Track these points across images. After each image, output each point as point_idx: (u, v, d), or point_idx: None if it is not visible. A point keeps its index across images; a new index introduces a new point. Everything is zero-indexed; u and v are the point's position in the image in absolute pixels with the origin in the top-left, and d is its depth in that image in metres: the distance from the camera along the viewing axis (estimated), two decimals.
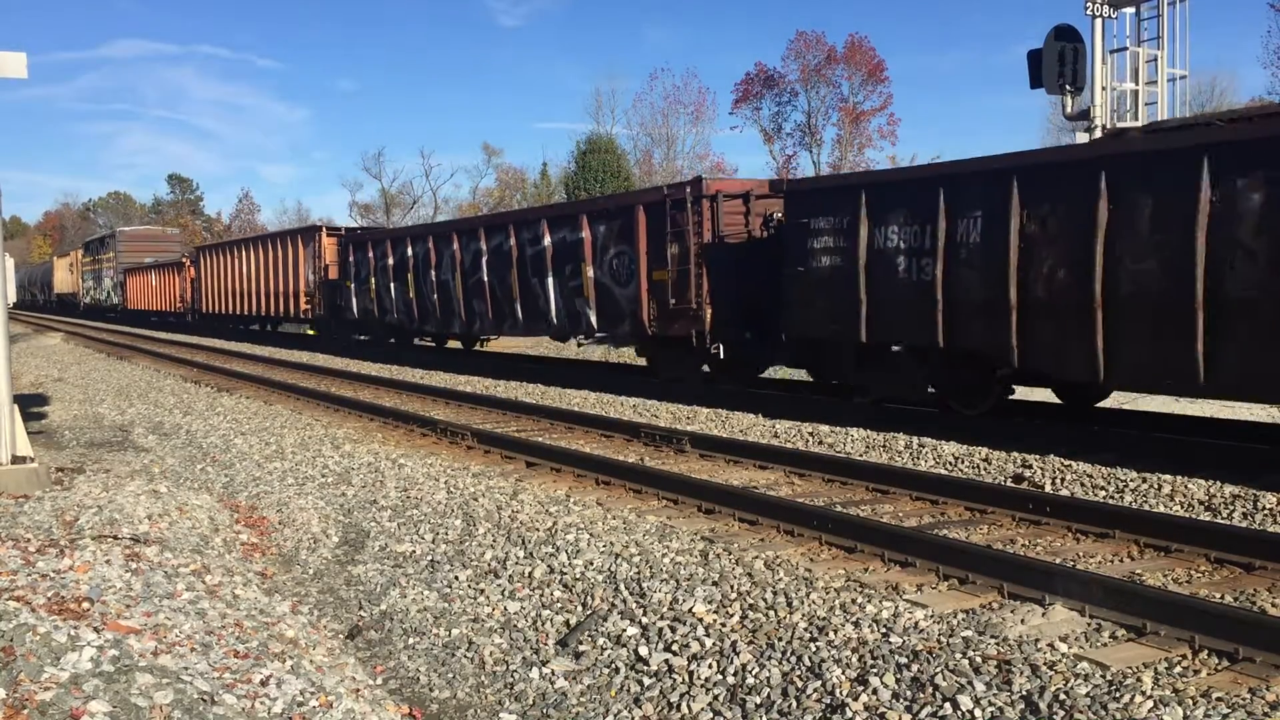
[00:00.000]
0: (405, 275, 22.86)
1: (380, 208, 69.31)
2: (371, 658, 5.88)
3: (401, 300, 23.31)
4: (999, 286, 10.39)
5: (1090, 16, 15.74)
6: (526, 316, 18.85)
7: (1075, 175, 9.81)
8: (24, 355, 27.47)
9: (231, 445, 12.00)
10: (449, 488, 9.04)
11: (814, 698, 4.59)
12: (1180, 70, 15.66)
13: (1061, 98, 16.09)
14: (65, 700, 3.84)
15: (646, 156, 56.86)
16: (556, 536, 7.21)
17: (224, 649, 4.94)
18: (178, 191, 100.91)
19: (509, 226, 19.27)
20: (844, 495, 8.43)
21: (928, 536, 6.55)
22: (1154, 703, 4.16)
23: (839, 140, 56.61)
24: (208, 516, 8.33)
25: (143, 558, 6.39)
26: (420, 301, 22.49)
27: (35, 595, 5.11)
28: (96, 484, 8.91)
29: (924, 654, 4.79)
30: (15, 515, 7.35)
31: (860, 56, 56.16)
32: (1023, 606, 5.35)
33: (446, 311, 21.50)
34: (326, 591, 7.04)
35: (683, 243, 14.82)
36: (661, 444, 10.88)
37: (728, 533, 7.23)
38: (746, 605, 5.64)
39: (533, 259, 18.46)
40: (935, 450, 10.09)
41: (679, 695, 4.85)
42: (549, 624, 5.89)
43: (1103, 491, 8.41)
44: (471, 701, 5.24)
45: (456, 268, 20.84)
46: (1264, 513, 7.51)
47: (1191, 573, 6.16)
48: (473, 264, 20.32)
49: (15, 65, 8.50)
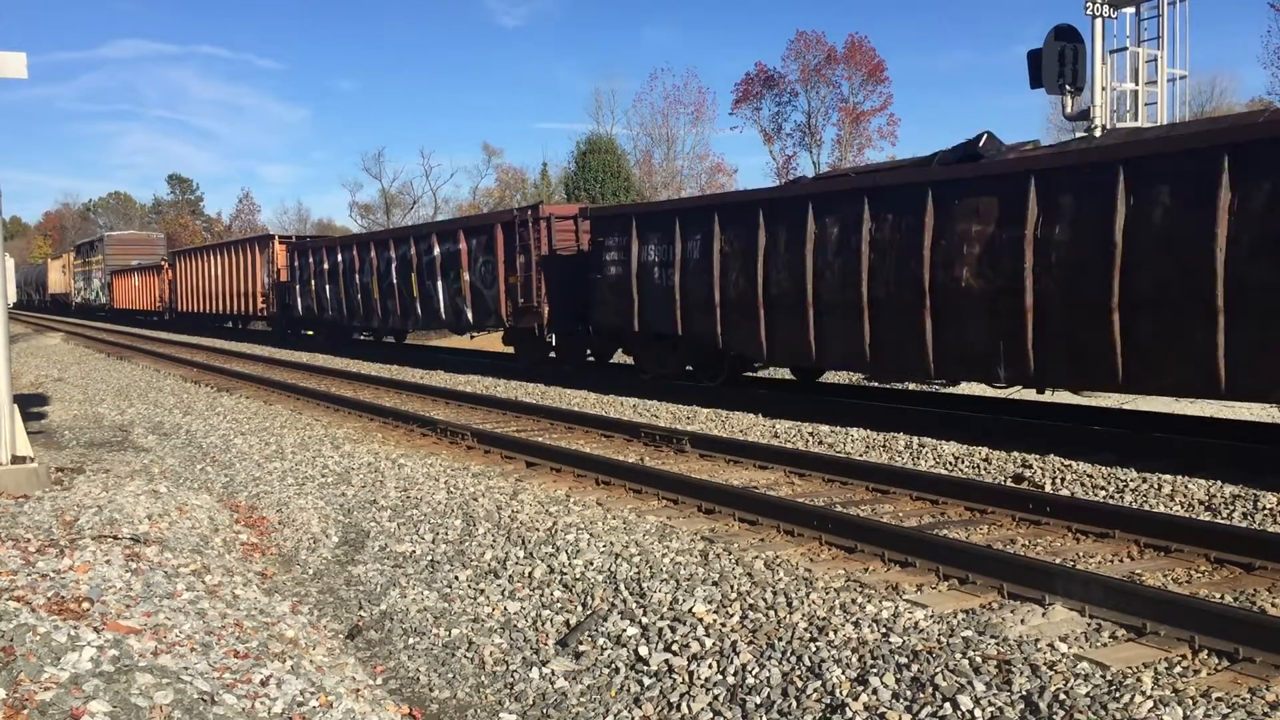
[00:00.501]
0: (338, 279, 26.54)
1: (380, 208, 69.34)
2: (371, 658, 5.88)
3: (335, 300, 26.99)
4: (709, 290, 14.29)
5: (1090, 16, 15.74)
6: (425, 314, 22.48)
7: (749, 211, 13.71)
8: (24, 355, 27.47)
9: (231, 445, 12.00)
10: (449, 488, 9.04)
11: (814, 698, 4.59)
12: (1180, 70, 15.65)
13: (1061, 98, 16.06)
14: (65, 700, 3.84)
15: (646, 156, 56.92)
16: (556, 536, 7.21)
17: (224, 649, 4.94)
18: (178, 192, 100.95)
19: (410, 239, 22.97)
20: (844, 495, 8.43)
21: (928, 536, 6.55)
22: (1154, 703, 4.16)
23: (839, 140, 56.68)
24: (208, 516, 8.33)
25: (143, 558, 6.39)
26: (349, 301, 26.12)
27: (35, 595, 5.11)
28: (96, 484, 8.91)
29: (924, 654, 4.79)
30: (15, 515, 7.35)
31: (860, 56, 56.18)
32: (1023, 606, 5.35)
33: (368, 310, 25.13)
34: (326, 591, 7.04)
35: (528, 255, 18.42)
36: (661, 444, 10.88)
37: (728, 533, 7.23)
38: (746, 605, 5.64)
39: (427, 266, 21.94)
40: (935, 450, 10.09)
41: (679, 695, 4.85)
42: (549, 624, 5.89)
43: (1103, 491, 8.41)
44: (471, 701, 5.24)
45: (374, 273, 24.48)
46: (1264, 513, 7.51)
47: (1191, 573, 6.16)
48: (385, 269, 23.89)
49: (15, 65, 8.50)
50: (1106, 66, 15.72)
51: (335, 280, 26.72)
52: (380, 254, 24.33)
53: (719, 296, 14.06)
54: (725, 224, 14.00)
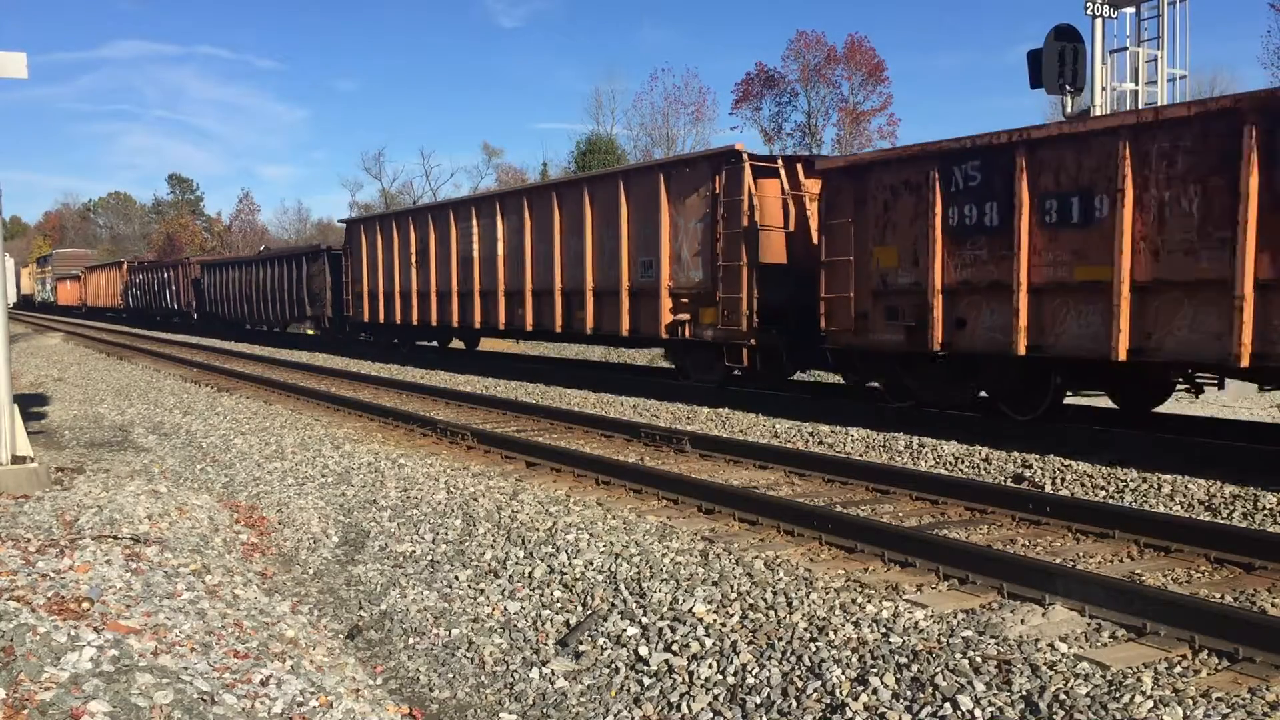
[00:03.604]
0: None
1: (381, 208, 69.29)
2: (371, 658, 5.88)
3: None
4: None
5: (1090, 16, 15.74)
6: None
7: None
8: (24, 355, 27.46)
9: (231, 445, 12.00)
10: (449, 488, 9.04)
11: (814, 698, 4.59)
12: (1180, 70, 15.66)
13: (1061, 98, 16.06)
14: (65, 700, 3.84)
15: (647, 156, 56.86)
16: (556, 536, 7.21)
17: (224, 649, 4.94)
18: (178, 191, 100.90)
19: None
20: (844, 495, 8.42)
21: (928, 536, 6.55)
22: (1154, 703, 4.16)
23: (839, 140, 56.59)
24: (208, 516, 8.32)
25: (143, 558, 6.39)
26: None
27: (35, 595, 5.11)
28: (96, 484, 8.91)
29: (924, 654, 4.79)
30: (15, 515, 7.35)
31: (860, 56, 56.17)
32: (1023, 606, 5.35)
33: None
34: (326, 591, 7.04)
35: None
36: (661, 444, 10.88)
37: (728, 533, 7.23)
38: (746, 605, 5.64)
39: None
40: (935, 450, 10.09)
41: (679, 695, 4.85)
42: (549, 624, 5.89)
43: (1103, 491, 8.41)
44: (471, 701, 5.24)
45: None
46: (1264, 513, 7.51)
47: (1191, 573, 6.16)
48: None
49: (15, 65, 8.49)
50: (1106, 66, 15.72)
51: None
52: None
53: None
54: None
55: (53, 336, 38.31)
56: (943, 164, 10.98)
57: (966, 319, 10.88)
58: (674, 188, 15.30)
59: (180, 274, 42.20)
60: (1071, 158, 9.85)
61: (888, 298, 11.75)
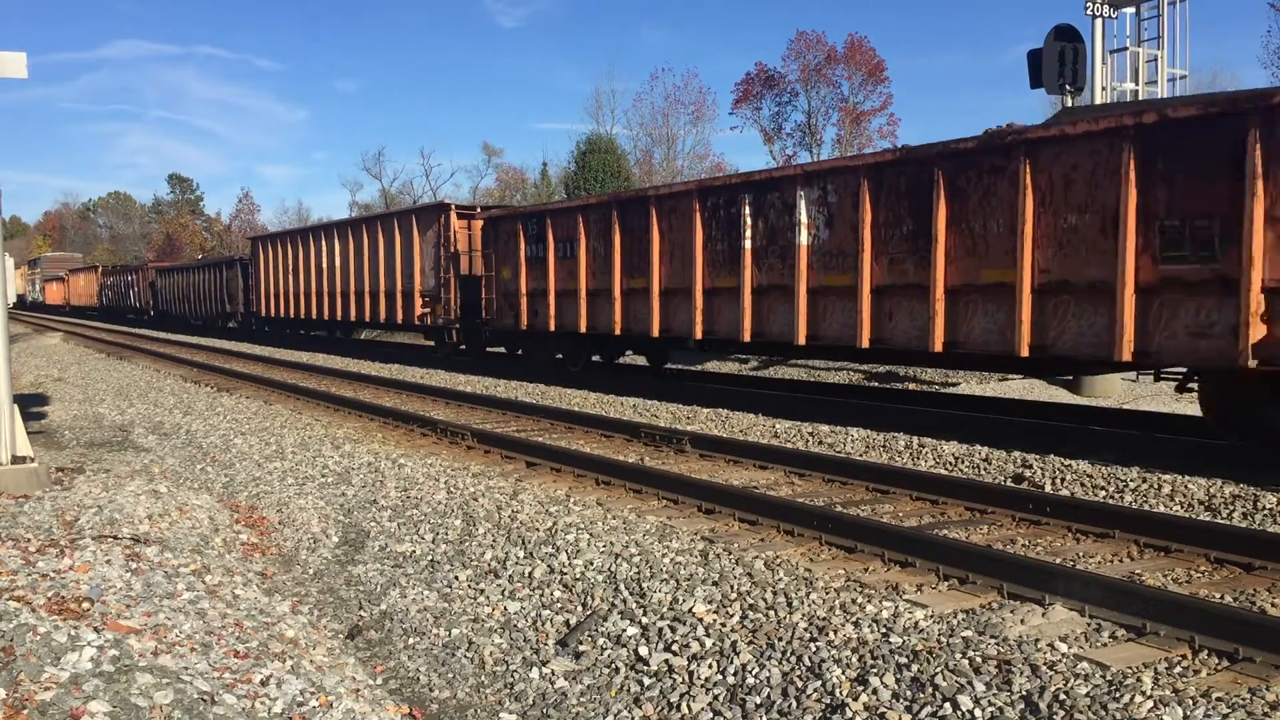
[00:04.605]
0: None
1: (381, 208, 69.29)
2: (371, 658, 5.88)
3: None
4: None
5: (1090, 16, 15.76)
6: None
7: None
8: (24, 355, 27.46)
9: (231, 445, 12.00)
10: (449, 488, 9.04)
11: (814, 698, 4.59)
12: (1180, 70, 15.68)
13: (1061, 98, 16.08)
14: (65, 700, 3.84)
15: (647, 156, 56.84)
16: (556, 536, 7.21)
17: (224, 649, 4.94)
18: (178, 191, 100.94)
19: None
20: (844, 495, 8.42)
21: (928, 536, 6.55)
22: (1154, 703, 4.16)
23: (839, 140, 56.55)
24: (208, 516, 8.32)
25: (143, 558, 6.39)
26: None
27: (35, 595, 5.11)
28: (96, 484, 8.91)
29: (924, 654, 4.79)
30: (15, 515, 7.35)
31: (860, 56, 56.06)
32: (1023, 606, 5.35)
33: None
34: (326, 591, 7.04)
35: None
36: (661, 444, 10.88)
37: (728, 533, 7.23)
38: (746, 605, 5.64)
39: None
40: (935, 450, 10.09)
41: (679, 695, 4.85)
42: (549, 624, 5.89)
43: (1103, 491, 8.41)
44: (471, 701, 5.24)
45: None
46: (1264, 513, 7.51)
47: (1191, 573, 6.16)
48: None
49: (15, 65, 8.49)
50: (1106, 66, 15.73)
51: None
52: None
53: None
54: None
55: (52, 336, 38.32)
56: (524, 220, 18.81)
57: (538, 310, 18.37)
58: (420, 226, 23.61)
59: (140, 278, 50.45)
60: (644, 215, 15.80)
61: (507, 298, 19.36)
